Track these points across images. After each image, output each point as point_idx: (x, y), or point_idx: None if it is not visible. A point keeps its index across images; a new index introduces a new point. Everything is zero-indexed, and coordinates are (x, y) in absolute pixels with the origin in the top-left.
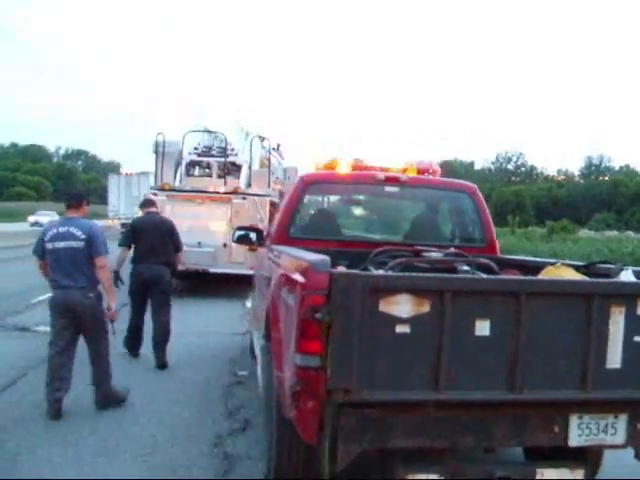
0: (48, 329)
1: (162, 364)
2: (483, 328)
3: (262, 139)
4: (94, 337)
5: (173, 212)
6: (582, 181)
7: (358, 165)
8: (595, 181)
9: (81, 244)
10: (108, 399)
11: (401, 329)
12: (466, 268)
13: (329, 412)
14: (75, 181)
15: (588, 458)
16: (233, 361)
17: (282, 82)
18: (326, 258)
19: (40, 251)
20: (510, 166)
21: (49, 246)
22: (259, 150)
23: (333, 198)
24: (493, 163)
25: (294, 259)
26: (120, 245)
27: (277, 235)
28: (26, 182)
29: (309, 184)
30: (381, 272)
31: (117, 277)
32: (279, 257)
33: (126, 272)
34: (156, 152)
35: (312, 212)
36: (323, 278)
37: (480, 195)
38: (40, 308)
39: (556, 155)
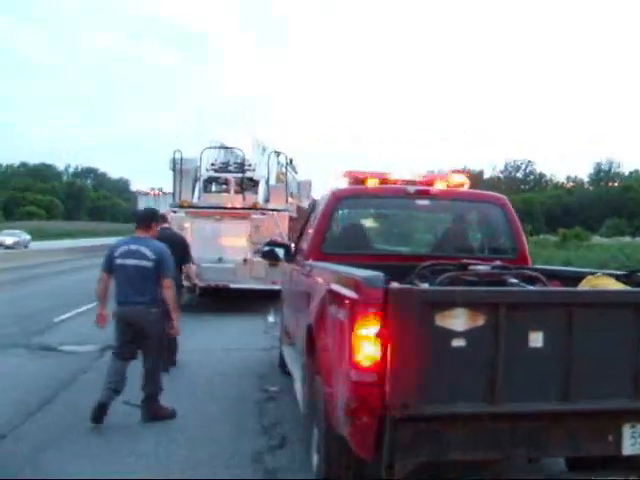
0: (74, 348)
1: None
2: (536, 340)
3: (278, 154)
4: (152, 352)
5: (193, 229)
6: (591, 187)
7: (385, 179)
8: (605, 187)
9: (150, 264)
10: (157, 415)
11: (457, 343)
12: (514, 280)
13: (387, 427)
14: (85, 199)
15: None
16: (262, 377)
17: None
18: (380, 274)
19: (108, 266)
20: (519, 174)
21: (119, 262)
22: (275, 165)
23: (365, 212)
24: (502, 172)
25: (343, 275)
26: None
27: (310, 251)
28: (36, 201)
29: (341, 199)
30: (434, 286)
31: None
32: (321, 273)
33: None
34: (173, 169)
35: (344, 227)
36: (378, 293)
37: (510, 206)
38: (63, 327)
39: (565, 162)
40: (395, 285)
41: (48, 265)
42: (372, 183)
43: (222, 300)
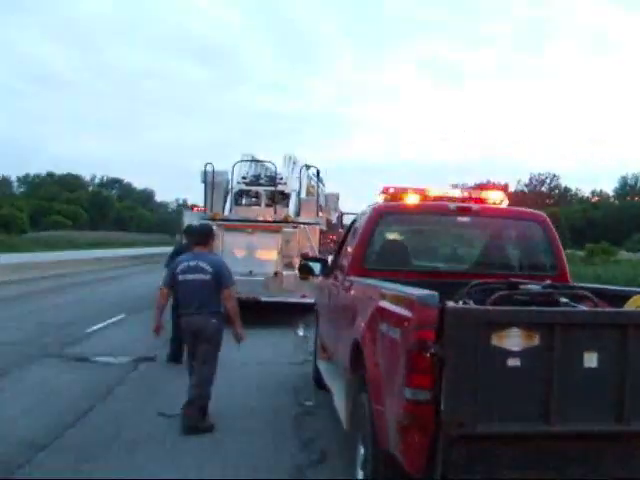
0: (108, 359)
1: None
2: (591, 360)
3: (308, 167)
4: (207, 360)
5: (224, 241)
6: (617, 202)
7: (427, 195)
8: (631, 201)
9: (208, 277)
10: (195, 424)
11: (512, 362)
12: (565, 300)
13: (440, 445)
14: (110, 209)
15: None
16: (297, 391)
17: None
18: (434, 293)
19: (169, 281)
20: (544, 188)
21: (180, 277)
22: (305, 178)
23: (406, 228)
24: (527, 185)
25: (395, 293)
26: (166, 266)
27: (352, 266)
28: (62, 211)
29: (382, 215)
30: (484, 305)
31: None
32: (367, 289)
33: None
34: (205, 182)
35: (386, 243)
36: (433, 312)
37: (550, 223)
38: (96, 338)
39: (590, 176)
40: (452, 305)
41: (74, 276)
42: (412, 199)
43: (251, 313)
